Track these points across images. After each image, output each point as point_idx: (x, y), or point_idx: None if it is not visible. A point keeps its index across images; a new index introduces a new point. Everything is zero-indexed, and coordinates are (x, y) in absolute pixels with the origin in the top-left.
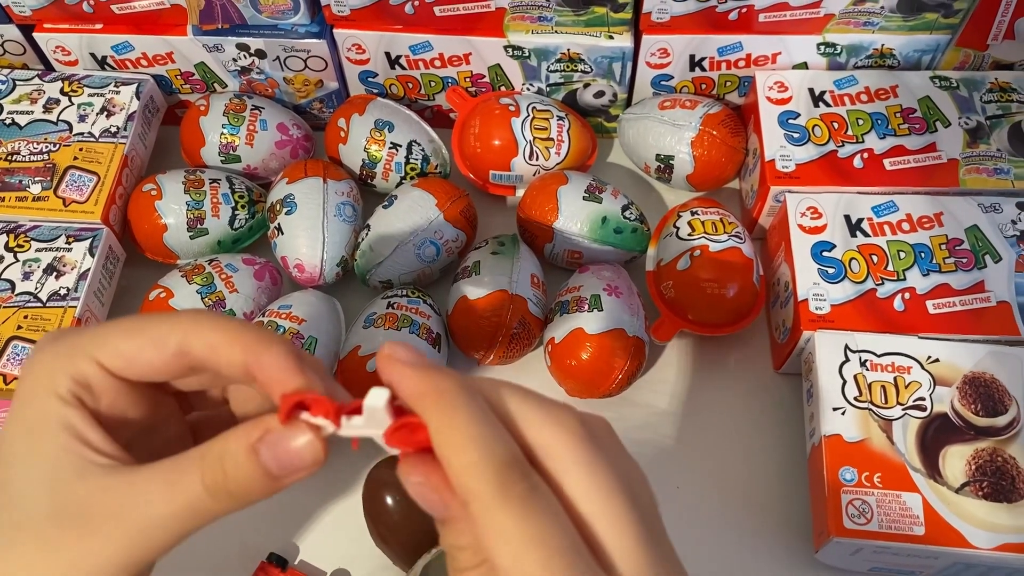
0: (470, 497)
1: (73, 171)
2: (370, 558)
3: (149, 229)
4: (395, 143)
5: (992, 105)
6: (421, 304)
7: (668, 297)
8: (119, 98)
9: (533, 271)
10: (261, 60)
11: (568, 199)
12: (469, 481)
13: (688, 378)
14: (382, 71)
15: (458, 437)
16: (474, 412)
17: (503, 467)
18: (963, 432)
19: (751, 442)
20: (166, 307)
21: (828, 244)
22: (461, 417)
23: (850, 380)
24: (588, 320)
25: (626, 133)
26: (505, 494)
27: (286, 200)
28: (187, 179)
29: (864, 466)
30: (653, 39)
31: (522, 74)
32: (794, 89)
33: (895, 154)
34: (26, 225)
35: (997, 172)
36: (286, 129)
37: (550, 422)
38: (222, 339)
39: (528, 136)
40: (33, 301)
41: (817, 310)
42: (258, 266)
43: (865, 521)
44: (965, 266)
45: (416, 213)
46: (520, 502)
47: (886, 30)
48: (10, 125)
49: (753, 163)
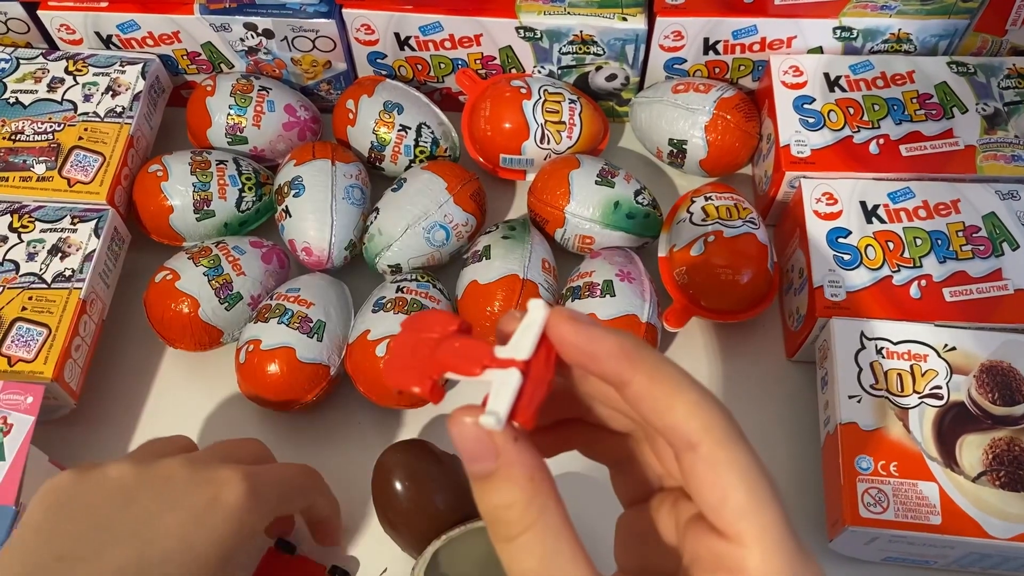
0: (701, 435)
1: (78, 151)
2: (379, 544)
3: (155, 210)
4: (404, 125)
5: (1010, 91)
6: (431, 288)
7: (681, 283)
8: (124, 78)
9: (544, 256)
10: (269, 40)
11: (580, 183)
12: (698, 420)
13: (700, 365)
14: (391, 52)
15: (672, 382)
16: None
17: (721, 406)
18: (980, 421)
19: (764, 430)
20: (172, 289)
21: (844, 230)
22: (667, 365)
23: (866, 368)
24: (600, 306)
25: (638, 117)
26: (734, 431)
27: (294, 182)
28: (193, 160)
29: (880, 455)
30: (667, 21)
31: (533, 56)
32: (809, 74)
33: (911, 140)
34: (30, 205)
35: (1015, 159)
36: (294, 111)
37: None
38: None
39: (539, 119)
40: (38, 282)
41: (832, 297)
42: (265, 249)
43: (881, 510)
44: (982, 253)
45: (426, 196)
46: (742, 436)
47: (903, 14)
48: (14, 104)
49: (767, 148)
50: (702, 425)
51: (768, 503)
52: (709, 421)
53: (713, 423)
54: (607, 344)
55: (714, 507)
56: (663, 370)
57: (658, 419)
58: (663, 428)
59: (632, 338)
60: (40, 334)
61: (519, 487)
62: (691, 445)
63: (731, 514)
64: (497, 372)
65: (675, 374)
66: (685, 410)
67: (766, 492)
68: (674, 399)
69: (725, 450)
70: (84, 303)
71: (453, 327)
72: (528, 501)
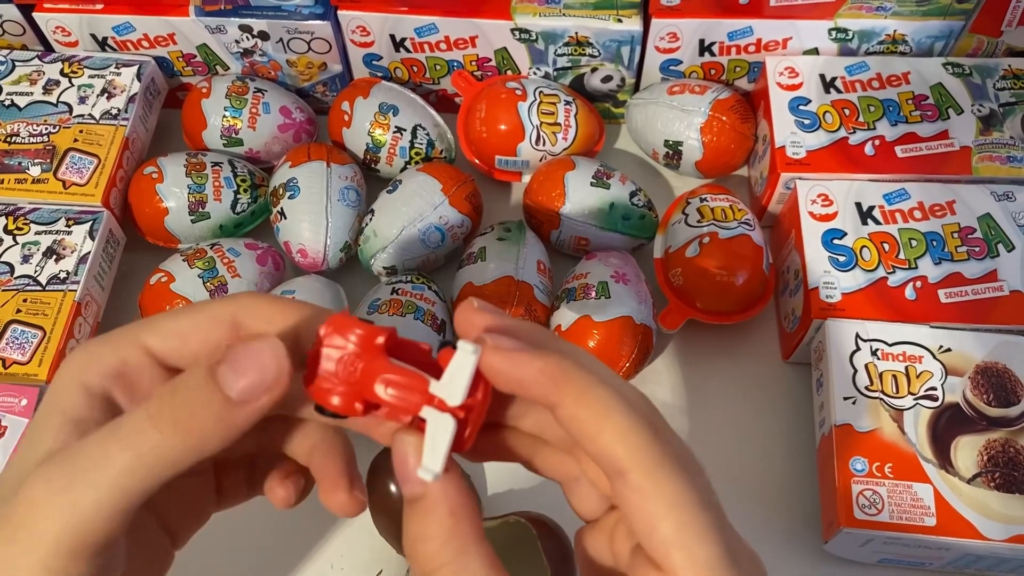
0: (628, 463)
1: (73, 153)
2: (374, 547)
3: (150, 212)
4: (400, 127)
5: (1005, 92)
6: (426, 290)
7: (676, 285)
8: (120, 80)
9: (539, 258)
10: (264, 42)
11: (575, 185)
12: (626, 446)
13: (696, 367)
14: (386, 54)
15: (600, 405)
16: (599, 380)
17: (654, 428)
18: (975, 422)
19: (759, 432)
20: (167, 292)
21: (839, 232)
22: (597, 388)
23: (861, 369)
24: (595, 308)
25: (634, 119)
26: (666, 457)
27: (289, 184)
28: (188, 162)
29: (875, 456)
30: (662, 23)
31: (529, 58)
32: (805, 75)
33: (907, 141)
34: (25, 208)
35: (1010, 160)
36: (289, 112)
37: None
38: (277, 311)
39: (535, 121)
40: (32, 284)
41: (828, 298)
42: (260, 251)
43: (876, 512)
44: (977, 255)
45: (421, 198)
46: (675, 461)
47: (899, 15)
48: (9, 107)
49: (763, 150)
50: (629, 452)
51: (702, 533)
52: (637, 448)
53: (641, 450)
54: (531, 369)
55: (645, 537)
56: (591, 393)
57: (587, 444)
58: (592, 454)
59: (562, 360)
60: (35, 336)
61: (437, 522)
62: (619, 472)
63: (661, 546)
64: (432, 412)
65: (605, 397)
66: (611, 436)
67: (699, 522)
68: (601, 424)
69: (653, 479)
70: (79, 305)
71: (379, 339)
72: (446, 538)
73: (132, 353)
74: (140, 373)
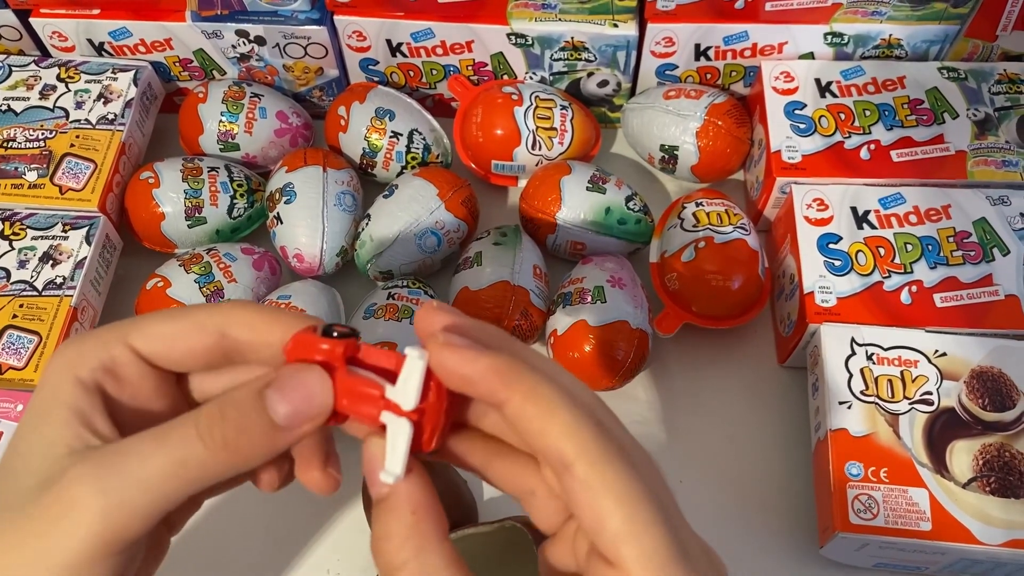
0: (575, 458)
1: (70, 158)
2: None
3: (147, 217)
4: (396, 132)
5: (1001, 97)
6: (422, 295)
7: (672, 289)
8: (116, 85)
9: (535, 262)
10: (261, 47)
11: (571, 189)
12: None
13: (692, 371)
14: (383, 59)
15: (547, 402)
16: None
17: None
18: (970, 427)
19: (755, 436)
20: (164, 296)
21: (834, 236)
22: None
23: (856, 374)
24: (591, 312)
25: (630, 123)
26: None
27: (285, 189)
28: (185, 167)
29: (870, 461)
30: (658, 27)
31: (525, 62)
32: (800, 79)
33: (902, 145)
34: (22, 213)
35: (1005, 164)
36: (285, 117)
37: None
38: (262, 321)
39: (531, 125)
40: (29, 290)
41: (823, 303)
42: (257, 256)
43: (871, 516)
44: (973, 259)
45: (417, 203)
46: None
47: (894, 20)
48: (6, 112)
49: (758, 154)
50: (576, 447)
51: (650, 526)
52: (584, 442)
53: (588, 444)
54: (479, 366)
55: (595, 532)
56: (539, 390)
57: (534, 441)
58: (540, 450)
59: (511, 359)
60: (31, 341)
61: (399, 520)
62: (566, 467)
63: (610, 540)
64: (391, 417)
65: (551, 394)
66: (559, 431)
67: (647, 514)
68: (548, 420)
69: (599, 472)
70: (75, 310)
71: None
72: (407, 535)
73: (120, 351)
74: (128, 369)
